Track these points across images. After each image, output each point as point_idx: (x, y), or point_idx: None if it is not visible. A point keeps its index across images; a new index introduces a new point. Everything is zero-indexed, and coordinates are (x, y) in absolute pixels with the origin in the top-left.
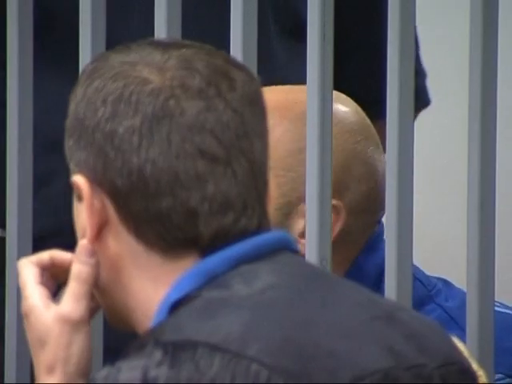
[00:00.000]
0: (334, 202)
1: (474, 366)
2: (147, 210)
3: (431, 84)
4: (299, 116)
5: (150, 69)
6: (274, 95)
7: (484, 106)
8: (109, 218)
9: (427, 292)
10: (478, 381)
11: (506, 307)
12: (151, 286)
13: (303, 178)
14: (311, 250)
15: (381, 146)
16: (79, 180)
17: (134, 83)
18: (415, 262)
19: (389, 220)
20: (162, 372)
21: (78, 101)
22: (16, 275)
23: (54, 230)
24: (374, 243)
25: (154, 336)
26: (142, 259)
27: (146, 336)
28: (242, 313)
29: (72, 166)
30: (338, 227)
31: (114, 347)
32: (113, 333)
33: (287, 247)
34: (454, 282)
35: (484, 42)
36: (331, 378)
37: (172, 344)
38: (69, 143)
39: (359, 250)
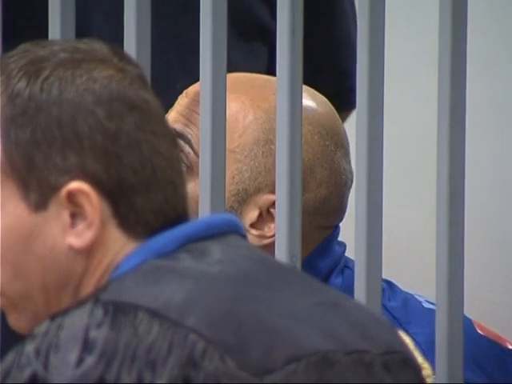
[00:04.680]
0: None
1: (419, 359)
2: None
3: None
4: (274, 108)
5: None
6: (255, 82)
7: (453, 104)
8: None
9: None
10: (422, 373)
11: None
12: None
13: (264, 169)
14: (281, 246)
15: (349, 155)
16: (82, 186)
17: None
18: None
19: (359, 223)
20: (101, 334)
21: (54, 109)
22: None
23: None
24: (328, 246)
25: (96, 293)
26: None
27: (89, 294)
28: (186, 281)
29: (54, 177)
30: None
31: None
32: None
33: (237, 231)
34: (423, 281)
35: (453, 40)
36: (267, 355)
37: (112, 304)
38: (42, 155)
39: (310, 249)
